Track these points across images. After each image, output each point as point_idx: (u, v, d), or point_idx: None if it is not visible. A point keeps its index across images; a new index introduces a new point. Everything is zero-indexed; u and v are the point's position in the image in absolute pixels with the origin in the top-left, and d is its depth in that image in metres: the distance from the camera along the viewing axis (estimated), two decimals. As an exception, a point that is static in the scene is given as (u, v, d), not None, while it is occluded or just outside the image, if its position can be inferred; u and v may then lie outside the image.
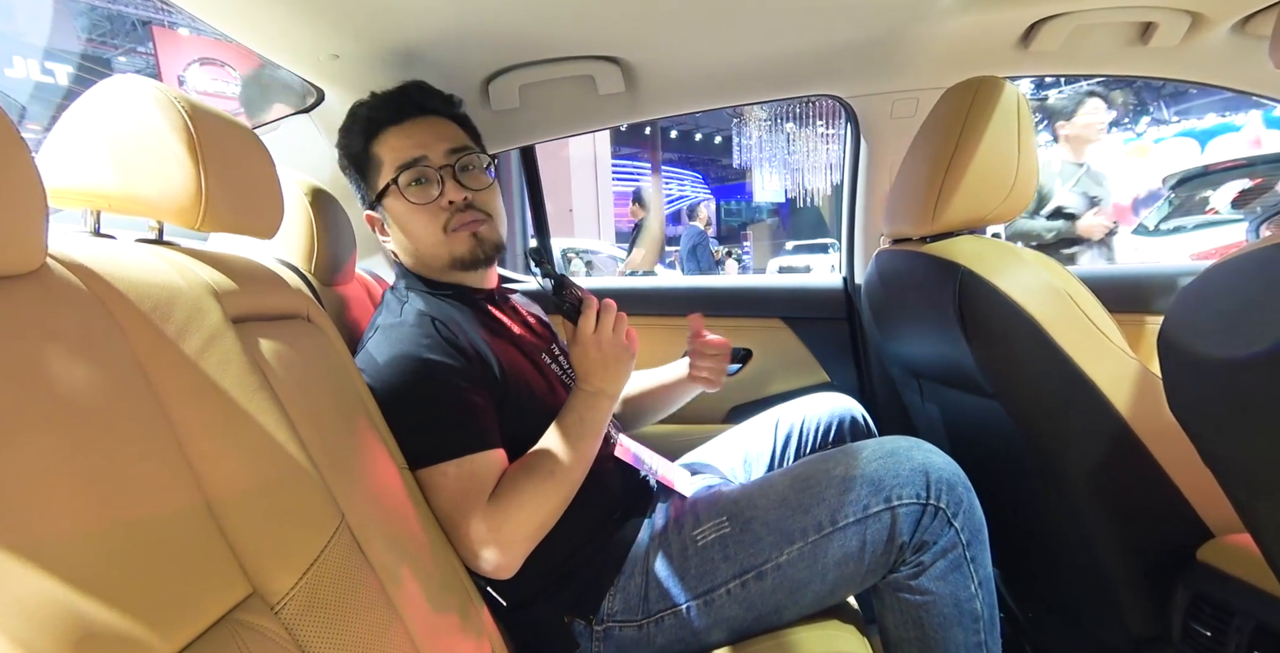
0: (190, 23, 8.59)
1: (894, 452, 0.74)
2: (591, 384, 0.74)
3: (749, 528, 0.73)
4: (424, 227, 0.78)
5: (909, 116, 1.19)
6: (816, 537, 0.71)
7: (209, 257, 0.56)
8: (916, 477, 0.70)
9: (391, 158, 0.78)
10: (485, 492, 0.68)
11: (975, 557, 0.72)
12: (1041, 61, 1.07)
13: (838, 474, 0.73)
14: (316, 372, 0.63)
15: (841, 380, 1.34)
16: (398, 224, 0.80)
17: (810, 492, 0.73)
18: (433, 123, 0.81)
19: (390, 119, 0.79)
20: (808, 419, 0.99)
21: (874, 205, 1.27)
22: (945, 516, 0.70)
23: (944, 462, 0.73)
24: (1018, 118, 0.80)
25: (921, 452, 0.74)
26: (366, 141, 0.79)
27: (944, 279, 0.80)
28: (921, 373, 1.02)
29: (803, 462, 0.80)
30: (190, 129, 0.51)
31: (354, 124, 0.80)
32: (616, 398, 0.77)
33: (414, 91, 0.81)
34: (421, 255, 0.81)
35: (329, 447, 0.57)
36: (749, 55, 1.05)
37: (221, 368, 0.48)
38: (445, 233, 0.78)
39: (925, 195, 0.84)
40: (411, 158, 0.77)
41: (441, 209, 0.77)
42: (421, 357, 0.71)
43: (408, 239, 0.80)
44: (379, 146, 0.79)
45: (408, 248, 0.81)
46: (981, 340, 0.78)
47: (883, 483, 0.71)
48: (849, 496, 0.71)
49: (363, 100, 0.82)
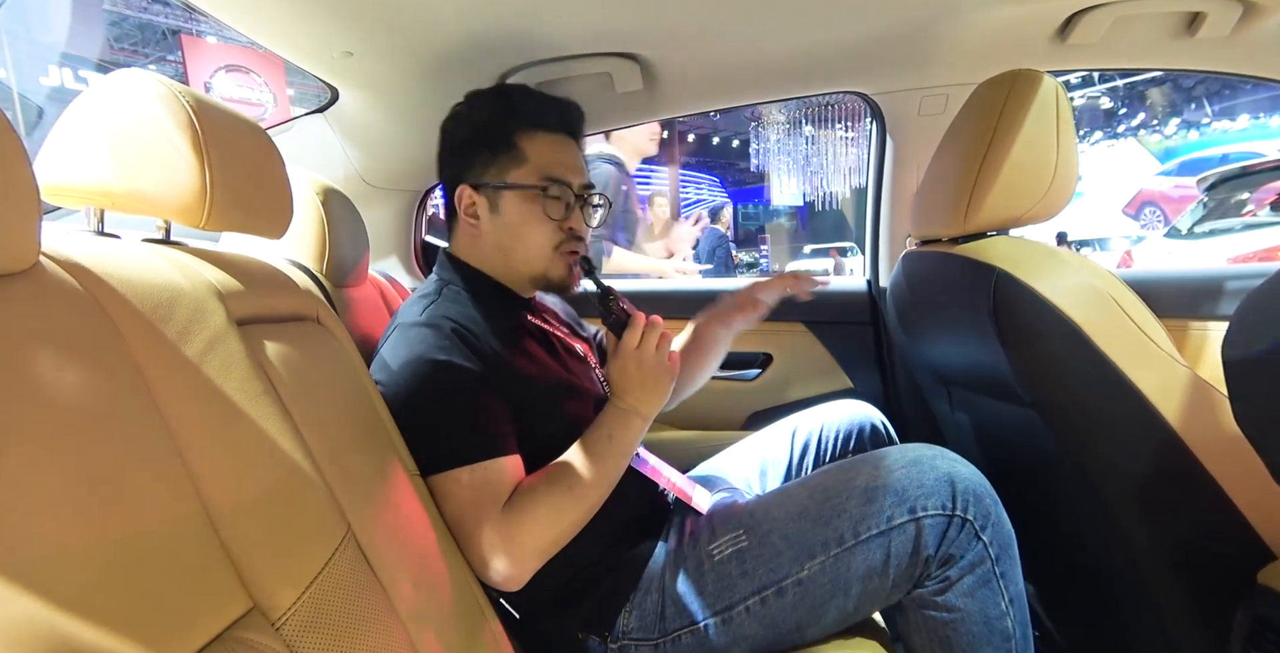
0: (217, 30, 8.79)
1: (918, 460, 0.70)
2: (626, 401, 0.72)
3: (767, 541, 0.70)
4: (539, 237, 0.78)
5: (938, 114, 1.15)
6: (839, 550, 0.68)
7: (215, 256, 0.54)
8: (942, 487, 0.67)
9: (540, 161, 0.77)
10: (499, 499, 0.66)
11: (1005, 572, 0.68)
12: (1080, 55, 1.02)
13: (860, 484, 0.70)
14: (325, 375, 0.61)
15: (865, 387, 1.29)
16: (509, 221, 0.78)
17: (831, 503, 0.70)
18: (574, 148, 0.82)
19: (545, 123, 0.79)
20: (826, 427, 0.96)
21: (900, 206, 1.23)
22: (972, 528, 0.66)
23: (970, 471, 0.69)
24: (1056, 112, 0.76)
25: (946, 461, 0.70)
26: (514, 128, 0.78)
27: (977, 282, 0.76)
28: (951, 380, 0.97)
29: (822, 471, 0.77)
30: (195, 125, 0.49)
31: (507, 104, 0.79)
32: (650, 419, 0.74)
33: (576, 113, 0.82)
34: (514, 256, 0.80)
35: (336, 454, 0.55)
36: (771, 51, 1.02)
37: (224, 372, 0.46)
38: (554, 251, 0.79)
39: (957, 194, 0.80)
40: (560, 176, 0.78)
41: (560, 230, 0.78)
42: (435, 359, 0.69)
43: (513, 238, 0.79)
44: (527, 142, 0.78)
45: (502, 242, 0.79)
46: (1018, 346, 0.74)
47: (907, 493, 0.67)
48: (872, 507, 0.68)
49: (515, 85, 0.81)
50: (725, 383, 1.33)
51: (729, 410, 1.31)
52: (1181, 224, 3.68)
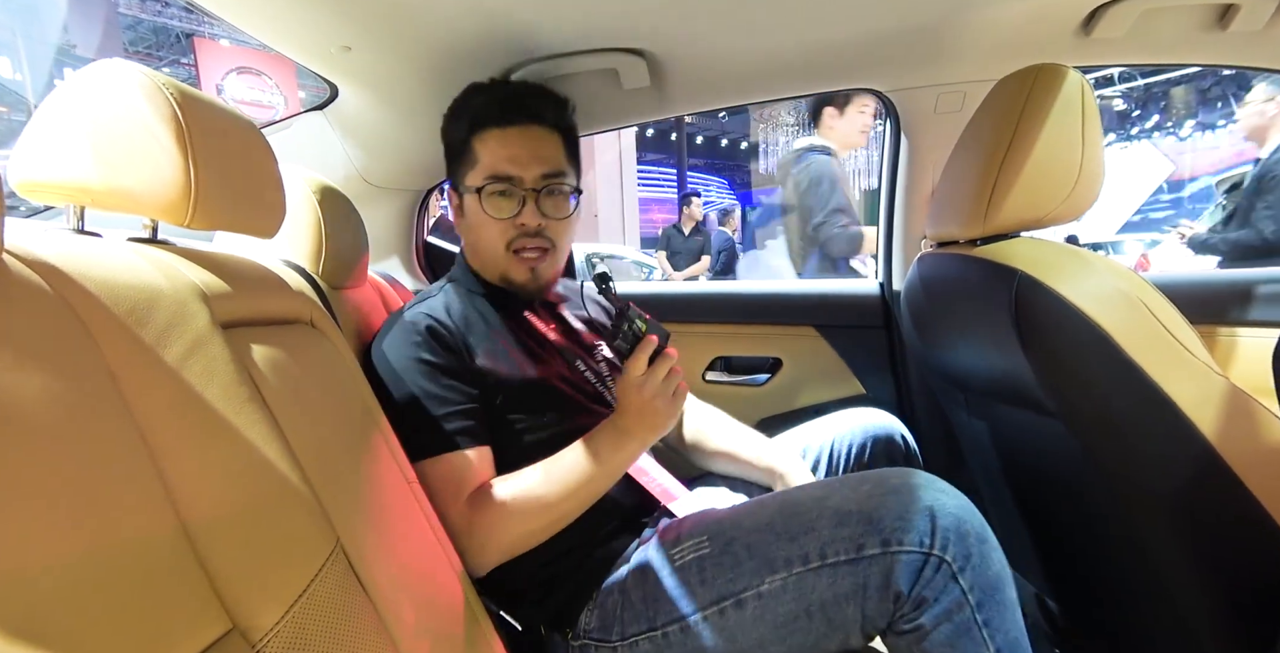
0: (229, 33, 8.88)
1: (899, 488, 0.65)
2: (625, 422, 0.70)
3: (729, 550, 0.67)
4: (489, 237, 0.79)
5: (955, 111, 1.11)
6: (802, 569, 0.64)
7: (202, 256, 0.52)
8: (921, 521, 0.61)
9: (488, 162, 0.78)
10: (462, 491, 0.68)
11: (989, 620, 0.61)
12: (1105, 50, 0.98)
13: (831, 505, 0.66)
14: (317, 380, 0.58)
15: (877, 392, 1.26)
16: (469, 222, 0.82)
17: (799, 519, 0.66)
18: (535, 135, 0.80)
19: (496, 118, 0.78)
20: (838, 440, 0.92)
21: (915, 206, 1.20)
22: (949, 570, 0.60)
23: (956, 505, 0.63)
24: (1082, 108, 0.73)
25: (932, 491, 0.64)
26: (469, 133, 0.79)
27: (998, 285, 0.73)
28: (968, 386, 0.94)
29: (799, 487, 0.74)
30: (179, 118, 0.47)
31: (462, 111, 0.80)
32: (647, 445, 0.72)
33: (529, 97, 0.81)
34: (480, 256, 0.82)
35: (327, 462, 0.53)
36: (782, 47, 0.99)
37: (206, 377, 0.44)
38: (506, 250, 0.79)
39: (976, 194, 0.77)
40: (505, 172, 0.77)
41: (513, 227, 0.78)
42: (404, 354, 0.72)
43: (474, 238, 0.82)
44: (480, 142, 0.79)
45: (470, 243, 0.83)
46: (1042, 353, 0.70)
47: (881, 523, 0.62)
48: (842, 530, 0.63)
49: (479, 85, 0.81)
50: (733, 388, 1.30)
51: (737, 416, 1.27)
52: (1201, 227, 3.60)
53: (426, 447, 0.69)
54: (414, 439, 0.68)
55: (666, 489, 0.82)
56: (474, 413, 0.72)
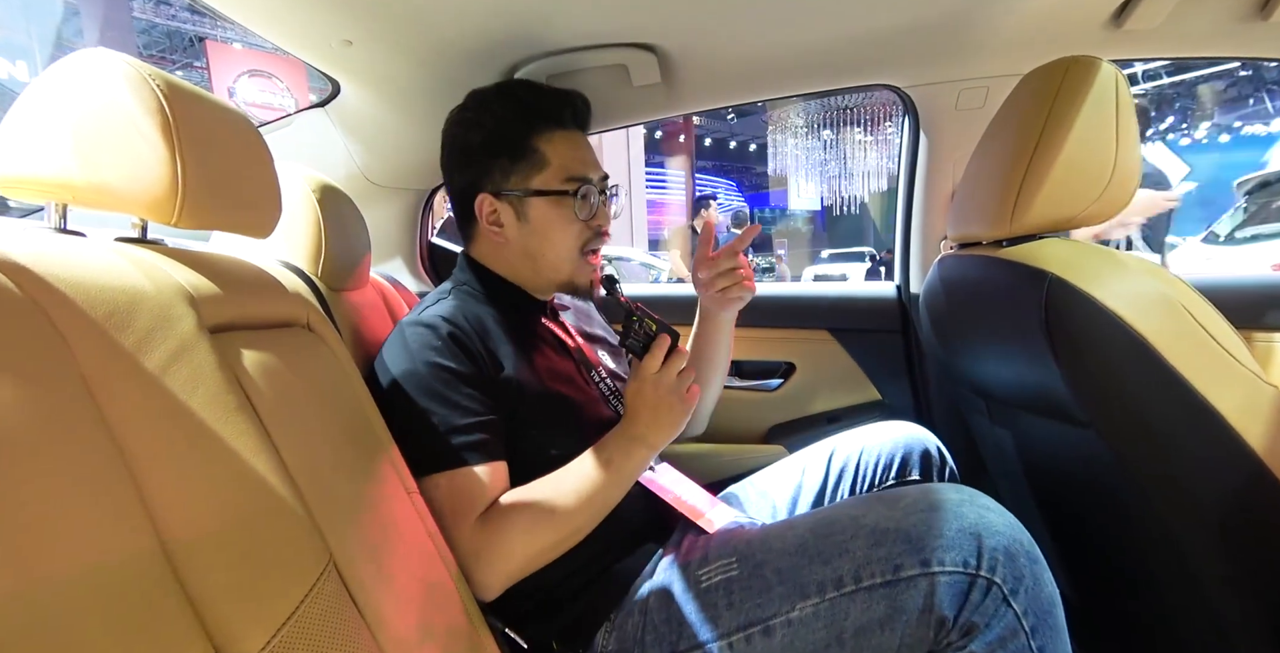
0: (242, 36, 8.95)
1: (939, 505, 0.61)
2: (636, 427, 0.68)
3: (759, 574, 0.64)
4: (567, 240, 0.77)
5: (977, 108, 1.07)
6: (835, 594, 0.60)
7: (192, 257, 0.50)
8: (965, 540, 0.58)
9: (561, 163, 0.76)
10: (473, 509, 0.64)
11: (1044, 647, 0.57)
12: (1137, 43, 0.94)
13: (867, 523, 0.62)
14: (313, 386, 0.56)
15: (895, 399, 1.22)
16: (536, 226, 0.77)
17: (833, 540, 0.63)
18: (586, 141, 0.81)
19: (558, 120, 0.77)
20: (867, 452, 0.87)
21: (934, 206, 1.16)
22: (1000, 592, 0.56)
23: (1004, 524, 0.59)
24: (1116, 103, 0.69)
25: (975, 508, 0.61)
26: (530, 132, 0.76)
27: (1027, 288, 0.69)
28: (991, 394, 0.90)
29: (832, 505, 0.71)
30: (166, 110, 0.44)
31: (517, 108, 0.76)
32: (657, 450, 0.70)
33: (580, 104, 0.80)
34: (542, 263, 0.78)
35: (320, 474, 0.50)
36: (797, 42, 0.96)
37: (191, 385, 0.41)
38: (580, 254, 0.78)
39: (1002, 193, 0.74)
40: (584, 174, 0.76)
41: (588, 228, 0.77)
42: (424, 360, 0.67)
43: (541, 244, 0.77)
44: (545, 144, 0.76)
45: (529, 249, 0.77)
46: (1074, 360, 0.67)
47: (921, 542, 0.59)
48: (878, 551, 0.60)
49: (518, 82, 0.79)
50: (745, 393, 1.27)
51: (749, 422, 1.25)
52: (1220, 229, 3.54)
53: (437, 460, 0.65)
54: (424, 451, 0.65)
55: (694, 507, 0.79)
56: (492, 426, 0.67)
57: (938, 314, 0.95)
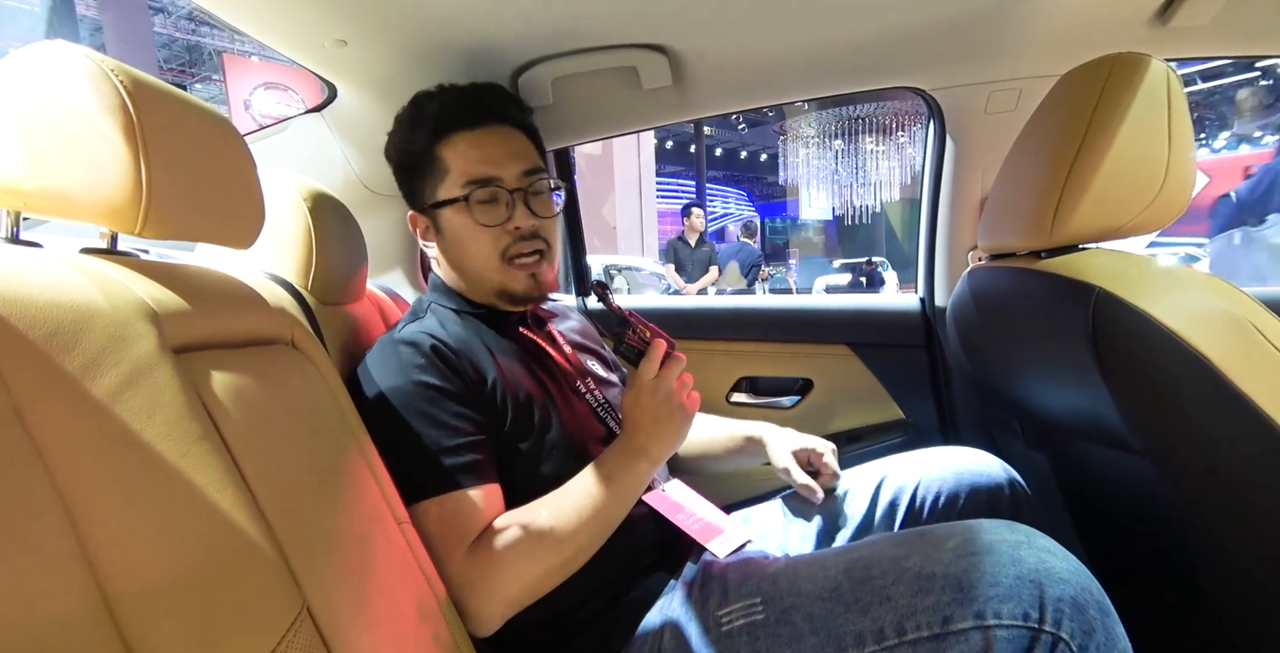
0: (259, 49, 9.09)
1: (992, 546, 0.54)
2: (636, 439, 0.64)
3: (788, 620, 0.57)
4: (483, 248, 0.72)
5: (1008, 111, 1.02)
6: (876, 648, 0.54)
7: (162, 270, 0.45)
8: (1024, 588, 0.51)
9: (461, 167, 0.71)
10: (466, 536, 0.60)
11: None
12: (1186, 41, 0.88)
13: (910, 567, 0.55)
14: (293, 408, 0.51)
15: (919, 418, 1.16)
16: (452, 238, 0.74)
17: (871, 585, 0.56)
18: (506, 134, 0.74)
19: (463, 121, 0.72)
20: (925, 485, 0.77)
21: (961, 214, 1.10)
22: (1068, 649, 0.50)
23: (1069, 570, 0.52)
24: (1168, 102, 0.64)
25: (1035, 551, 0.54)
26: (432, 141, 0.72)
27: (1071, 303, 0.64)
28: (1028, 415, 0.84)
29: (869, 541, 0.64)
30: (129, 108, 0.40)
31: (420, 118, 0.73)
32: (659, 463, 0.66)
33: (490, 95, 0.75)
34: (468, 275, 0.75)
35: (296, 508, 0.45)
36: (816, 42, 0.91)
37: (147, 413, 0.37)
38: (502, 261, 0.72)
39: (1041, 201, 0.68)
40: (485, 175, 0.71)
41: (506, 233, 0.72)
42: (408, 378, 0.63)
43: (460, 256, 0.74)
44: (447, 150, 0.72)
45: (454, 262, 0.75)
46: (1127, 384, 0.61)
47: (974, 590, 0.52)
48: (924, 599, 0.53)
49: (428, 92, 0.74)
50: (760, 411, 1.21)
51: (764, 442, 1.19)
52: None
53: (426, 485, 0.61)
54: (412, 477, 0.60)
55: (708, 524, 0.73)
56: (482, 446, 0.63)
57: (968, 329, 0.89)
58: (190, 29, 9.55)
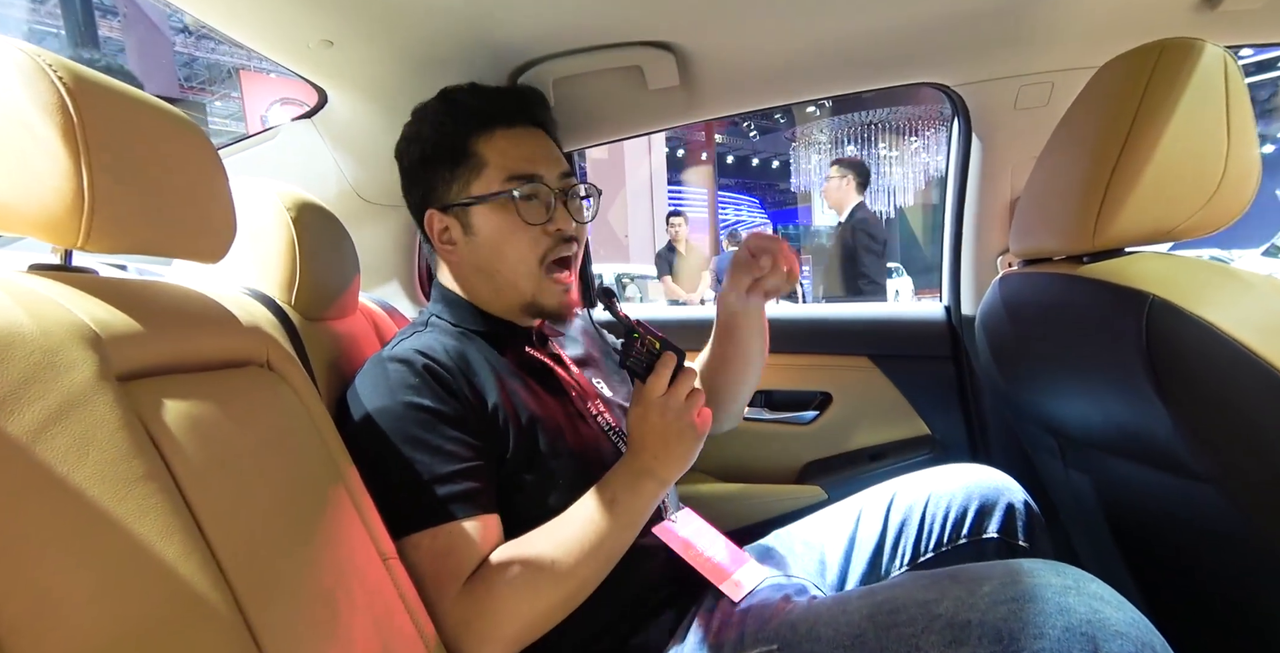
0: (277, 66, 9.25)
1: (1035, 593, 0.48)
2: (642, 459, 0.60)
3: None
4: (520, 249, 0.67)
5: (1039, 106, 0.96)
6: None
7: (114, 288, 0.41)
8: (1074, 642, 0.45)
9: (501, 163, 0.67)
10: (461, 572, 0.56)
11: None
12: (1237, 27, 0.82)
13: (942, 613, 0.50)
14: (264, 436, 0.47)
15: (946, 433, 1.09)
16: (486, 238, 0.68)
17: (897, 632, 0.51)
18: (541, 138, 0.71)
19: (502, 118, 0.68)
20: (934, 500, 0.75)
21: (989, 217, 1.04)
22: None
23: (1126, 621, 0.46)
24: (1226, 89, 0.58)
25: (1085, 598, 0.48)
26: (470, 135, 0.68)
27: (1120, 312, 0.58)
28: (1068, 433, 0.78)
29: (894, 582, 0.58)
30: (69, 108, 0.36)
31: (454, 111, 0.69)
32: (668, 485, 0.61)
33: (530, 96, 0.72)
34: (498, 280, 0.69)
35: (259, 552, 0.40)
36: (831, 35, 0.86)
37: (77, 452, 0.32)
38: (540, 267, 0.68)
39: (1082, 201, 0.63)
40: (528, 172, 0.67)
41: (546, 235, 0.67)
42: (399, 399, 0.59)
43: (493, 257, 0.68)
44: (485, 146, 0.67)
45: (483, 265, 0.69)
46: (1188, 401, 0.55)
47: (1015, 642, 0.46)
48: (958, 651, 0.47)
49: (459, 86, 0.70)
50: (777, 427, 1.15)
51: (781, 459, 1.13)
52: (1282, 240, 3.31)
53: (417, 516, 0.56)
54: (401, 507, 0.56)
55: (719, 565, 0.68)
56: (479, 472, 0.59)
57: (1000, 339, 0.83)
58: (210, 48, 9.74)
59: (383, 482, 0.56)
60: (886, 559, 0.76)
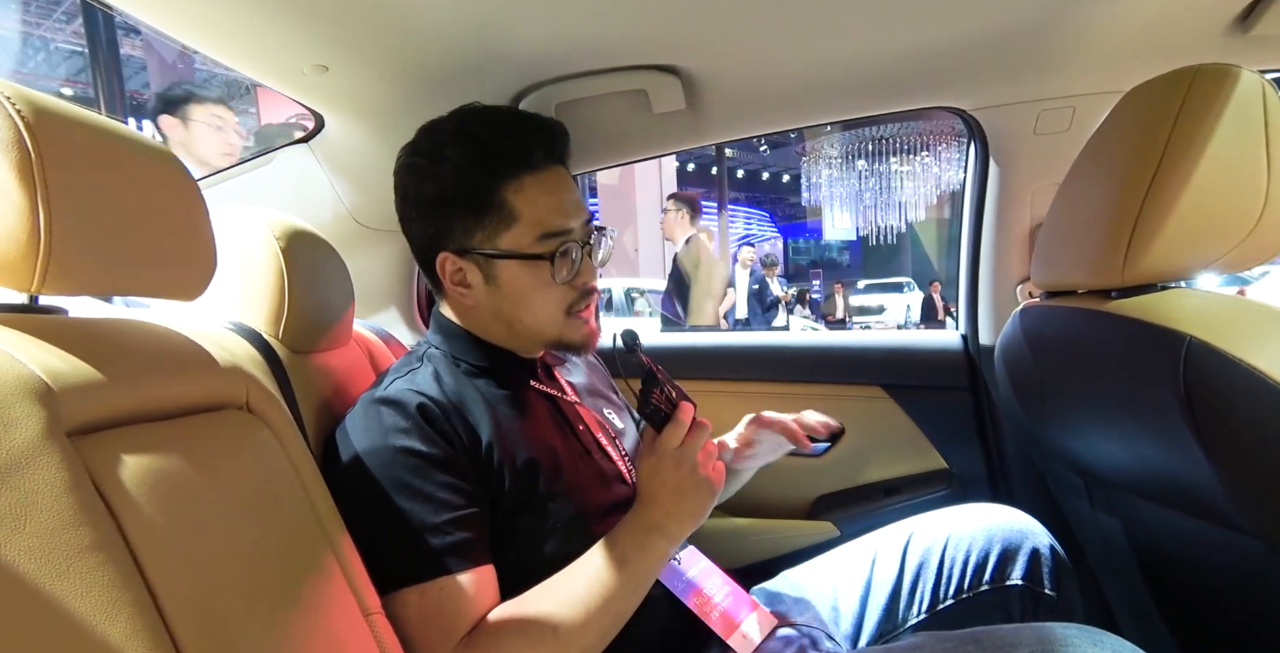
0: (292, 83, 9.40)
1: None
2: (653, 514, 0.57)
3: None
4: (549, 305, 0.64)
5: (1060, 131, 0.92)
6: None
7: (76, 331, 0.39)
8: None
9: (533, 217, 0.62)
10: (452, 633, 0.52)
11: None
12: (1269, 51, 0.79)
13: None
14: (239, 487, 0.44)
15: (964, 468, 1.05)
16: (509, 291, 0.64)
17: None
18: (567, 180, 0.66)
19: (527, 162, 0.62)
20: (954, 543, 0.72)
21: (1008, 246, 1.01)
22: None
23: None
24: (1264, 117, 0.55)
25: None
26: (494, 181, 0.62)
27: (1155, 353, 0.54)
28: (1097, 474, 0.73)
29: (914, 645, 0.55)
30: (26, 143, 0.34)
31: (477, 153, 0.62)
32: (677, 543, 0.58)
33: (556, 135, 0.65)
34: (516, 327, 0.66)
35: (226, 620, 0.37)
36: (842, 60, 0.84)
37: (14, 521, 0.30)
38: (566, 316, 0.65)
39: (1111, 233, 0.60)
40: (561, 227, 0.63)
41: (573, 289, 0.65)
42: (388, 445, 0.55)
43: (513, 307, 0.65)
44: (514, 194, 0.62)
45: (504, 314, 0.65)
46: (1231, 449, 0.51)
47: None
48: None
49: (477, 117, 0.64)
50: (785, 460, 1.10)
51: (792, 493, 1.08)
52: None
53: (407, 571, 0.53)
54: (390, 561, 0.53)
55: (726, 613, 0.64)
56: (473, 521, 0.56)
57: (1022, 374, 0.79)
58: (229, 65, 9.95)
59: (370, 532, 0.53)
60: (903, 607, 0.72)
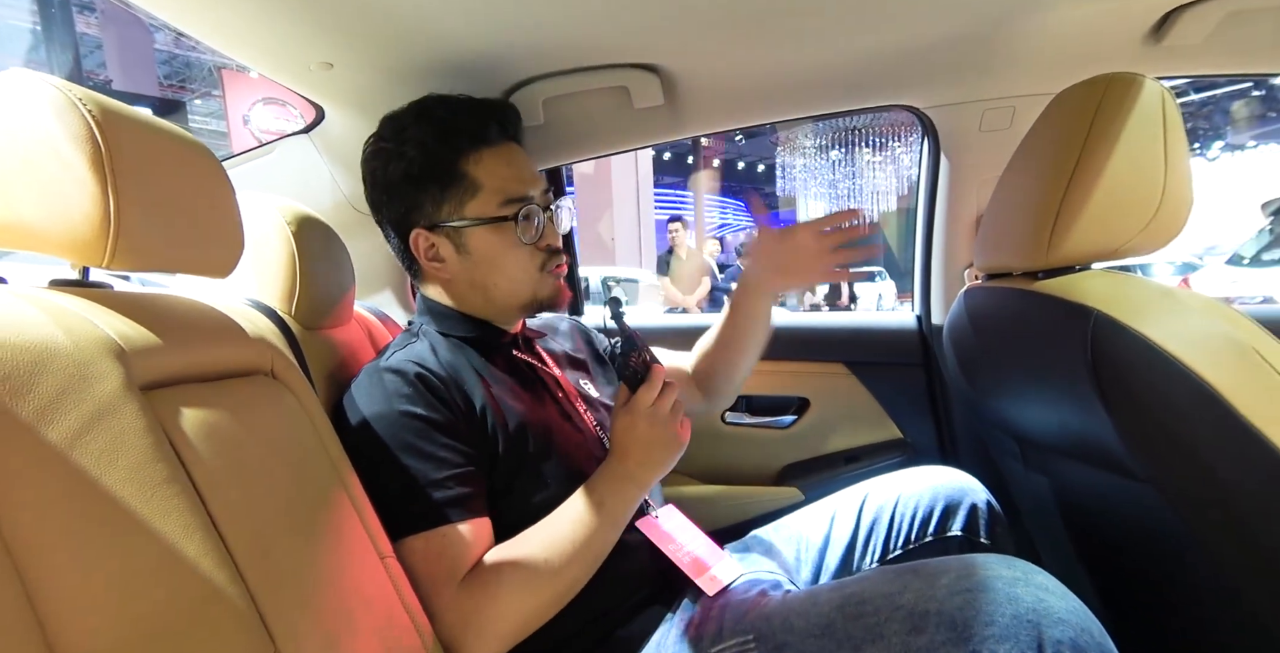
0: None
1: (987, 583, 0.52)
2: (625, 464, 0.64)
3: None
4: (520, 264, 0.71)
5: (1002, 129, 1.01)
6: None
7: (132, 302, 0.44)
8: (1021, 628, 0.49)
9: (495, 185, 0.69)
10: (455, 573, 0.58)
11: None
12: (1178, 59, 0.88)
13: (903, 603, 0.54)
14: (271, 443, 0.50)
15: (917, 437, 1.14)
16: (480, 257, 0.71)
17: (863, 621, 0.55)
18: (521, 154, 0.74)
19: (485, 137, 0.70)
20: (903, 501, 0.79)
21: (957, 233, 1.10)
22: None
23: (1068, 609, 0.50)
24: (1164, 121, 0.63)
25: (1031, 589, 0.51)
26: (455, 155, 0.69)
27: (1068, 326, 0.63)
28: (1027, 438, 0.82)
29: (862, 576, 0.62)
30: (98, 139, 0.39)
31: (439, 130, 0.69)
32: (647, 489, 0.65)
33: (508, 112, 0.74)
34: (494, 291, 0.72)
35: (271, 549, 0.43)
36: (808, 61, 0.91)
37: (108, 457, 0.35)
38: (540, 272, 0.73)
39: (1037, 221, 0.68)
40: (522, 193, 0.70)
41: (539, 250, 0.72)
42: (393, 408, 0.62)
43: (487, 273, 0.71)
44: (474, 167, 0.69)
45: (479, 280, 0.72)
46: (1128, 410, 0.59)
47: (968, 629, 0.50)
48: (918, 639, 0.51)
49: (435, 101, 0.71)
50: (755, 430, 1.19)
51: (761, 462, 1.17)
52: (1245, 250, 3.44)
53: (413, 521, 0.59)
54: (398, 511, 0.59)
55: (698, 558, 0.71)
56: (471, 478, 0.62)
57: (965, 350, 0.88)
58: (190, 45, 9.60)
59: (379, 486, 0.59)
60: (858, 556, 0.80)
